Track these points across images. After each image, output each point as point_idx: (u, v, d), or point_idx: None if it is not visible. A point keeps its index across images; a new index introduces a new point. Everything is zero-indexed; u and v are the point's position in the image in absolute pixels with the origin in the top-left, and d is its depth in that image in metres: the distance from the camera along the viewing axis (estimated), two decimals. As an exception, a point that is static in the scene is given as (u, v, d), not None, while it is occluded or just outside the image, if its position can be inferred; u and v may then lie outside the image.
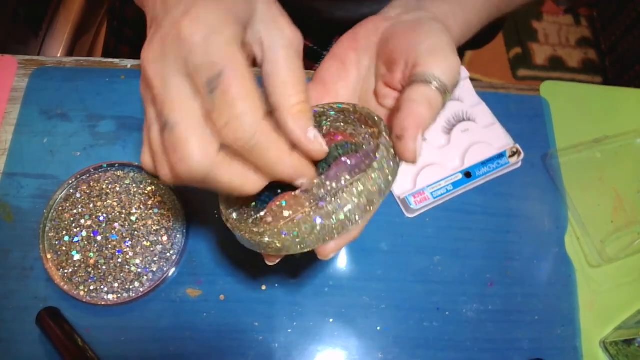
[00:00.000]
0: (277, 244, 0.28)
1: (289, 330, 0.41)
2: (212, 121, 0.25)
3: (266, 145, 0.25)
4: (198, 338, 0.40)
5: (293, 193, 0.30)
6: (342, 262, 0.43)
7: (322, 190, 0.30)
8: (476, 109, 0.48)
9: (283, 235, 0.27)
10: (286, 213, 0.30)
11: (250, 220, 0.31)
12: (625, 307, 0.45)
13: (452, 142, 0.47)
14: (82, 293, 0.40)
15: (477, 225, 0.46)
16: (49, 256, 0.41)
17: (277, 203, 0.30)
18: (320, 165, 0.31)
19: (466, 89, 0.49)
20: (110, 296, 0.40)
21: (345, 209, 0.27)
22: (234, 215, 0.32)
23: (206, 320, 0.40)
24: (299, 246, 0.27)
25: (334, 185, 0.30)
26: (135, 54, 0.66)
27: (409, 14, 0.37)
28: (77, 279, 0.40)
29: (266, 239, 0.28)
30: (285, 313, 0.41)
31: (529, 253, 0.46)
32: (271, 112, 0.27)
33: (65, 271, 0.40)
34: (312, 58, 0.61)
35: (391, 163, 0.29)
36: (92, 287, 0.40)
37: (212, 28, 0.24)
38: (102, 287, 0.40)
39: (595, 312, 0.45)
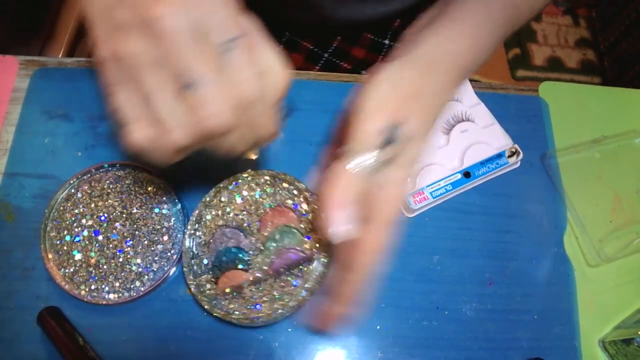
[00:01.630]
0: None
1: (289, 330, 0.41)
2: (227, 80, 0.25)
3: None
4: (198, 337, 0.40)
5: (249, 279, 0.40)
6: (342, 261, 0.44)
7: (264, 277, 0.40)
8: (475, 110, 0.48)
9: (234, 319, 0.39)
10: (227, 290, 0.40)
11: (210, 294, 0.40)
12: (624, 306, 0.45)
13: (451, 142, 0.47)
14: (83, 292, 0.40)
15: (476, 225, 0.46)
16: (50, 256, 0.41)
17: (226, 279, 0.40)
18: (267, 246, 0.41)
19: (465, 90, 0.49)
20: (111, 295, 0.40)
21: (279, 311, 0.38)
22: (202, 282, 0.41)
23: (207, 319, 0.41)
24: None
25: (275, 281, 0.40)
26: None
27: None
28: (78, 278, 0.40)
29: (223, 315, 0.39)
30: (286, 312, 0.42)
31: (528, 253, 0.46)
32: None
33: (67, 271, 0.40)
34: (313, 60, 0.61)
35: (326, 268, 0.39)
36: (93, 287, 0.40)
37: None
38: (103, 286, 0.40)
39: (594, 312, 0.45)
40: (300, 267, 0.41)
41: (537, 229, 0.47)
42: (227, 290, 0.40)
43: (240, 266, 0.40)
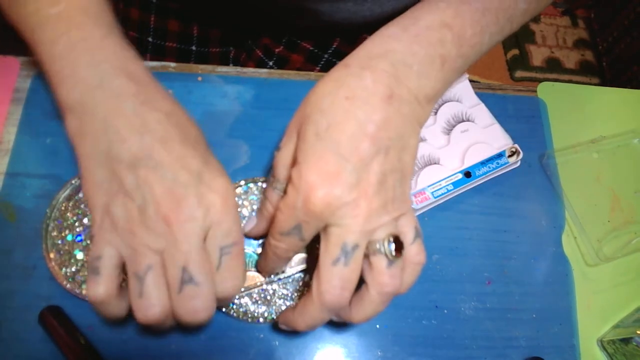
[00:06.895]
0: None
1: (290, 329, 0.41)
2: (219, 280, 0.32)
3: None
4: (199, 336, 0.40)
5: (262, 280, 0.41)
6: (342, 261, 0.44)
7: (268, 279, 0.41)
8: (475, 110, 0.49)
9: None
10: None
11: None
12: (622, 305, 0.46)
13: (452, 142, 0.47)
14: (84, 292, 0.40)
15: (475, 225, 0.47)
16: (51, 255, 0.41)
17: None
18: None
19: (465, 90, 0.50)
20: (113, 295, 0.40)
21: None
22: None
23: (208, 318, 0.41)
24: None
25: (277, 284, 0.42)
26: (139, 55, 0.65)
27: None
28: (79, 277, 0.40)
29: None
30: (286, 311, 0.42)
31: (527, 252, 0.46)
32: None
33: (68, 270, 0.41)
34: (313, 61, 0.62)
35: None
36: (94, 286, 0.40)
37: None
38: (105, 285, 0.40)
39: (592, 311, 0.45)
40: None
41: (535, 228, 0.47)
42: (241, 290, 0.41)
43: (251, 268, 0.42)
